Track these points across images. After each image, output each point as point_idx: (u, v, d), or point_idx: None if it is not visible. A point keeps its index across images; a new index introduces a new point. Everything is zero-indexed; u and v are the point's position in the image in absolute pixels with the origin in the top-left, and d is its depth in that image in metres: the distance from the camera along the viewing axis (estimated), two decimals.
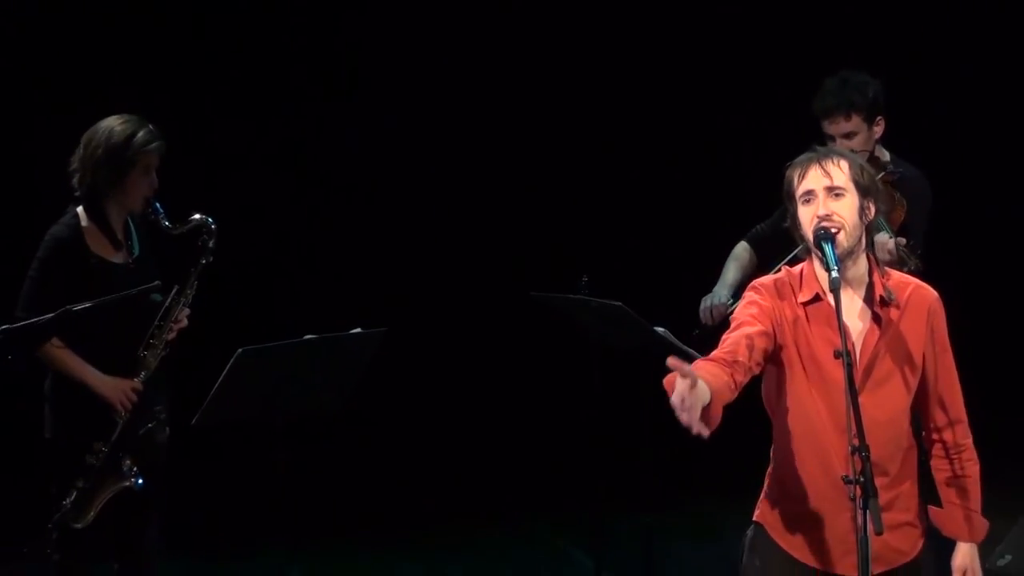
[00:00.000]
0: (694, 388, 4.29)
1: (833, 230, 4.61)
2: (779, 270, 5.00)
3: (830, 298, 4.59)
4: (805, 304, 4.71)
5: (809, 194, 4.66)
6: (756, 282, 4.84)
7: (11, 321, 5.76)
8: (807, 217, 4.65)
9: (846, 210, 4.65)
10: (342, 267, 9.48)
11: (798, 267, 4.78)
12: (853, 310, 4.70)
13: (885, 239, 6.39)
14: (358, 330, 6.16)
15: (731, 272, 6.83)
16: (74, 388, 5.98)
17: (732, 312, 5.03)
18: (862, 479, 4.39)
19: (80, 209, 6.01)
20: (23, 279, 6.10)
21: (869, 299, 4.71)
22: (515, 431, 9.54)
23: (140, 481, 6.00)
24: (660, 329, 6.52)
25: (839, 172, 4.67)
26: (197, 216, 6.09)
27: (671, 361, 4.28)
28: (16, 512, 6.01)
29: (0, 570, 6.22)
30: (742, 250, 6.90)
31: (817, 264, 4.68)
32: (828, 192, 4.65)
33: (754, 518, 4.90)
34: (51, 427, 6.05)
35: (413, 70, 9.60)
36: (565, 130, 9.76)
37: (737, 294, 6.60)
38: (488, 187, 9.66)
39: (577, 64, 9.74)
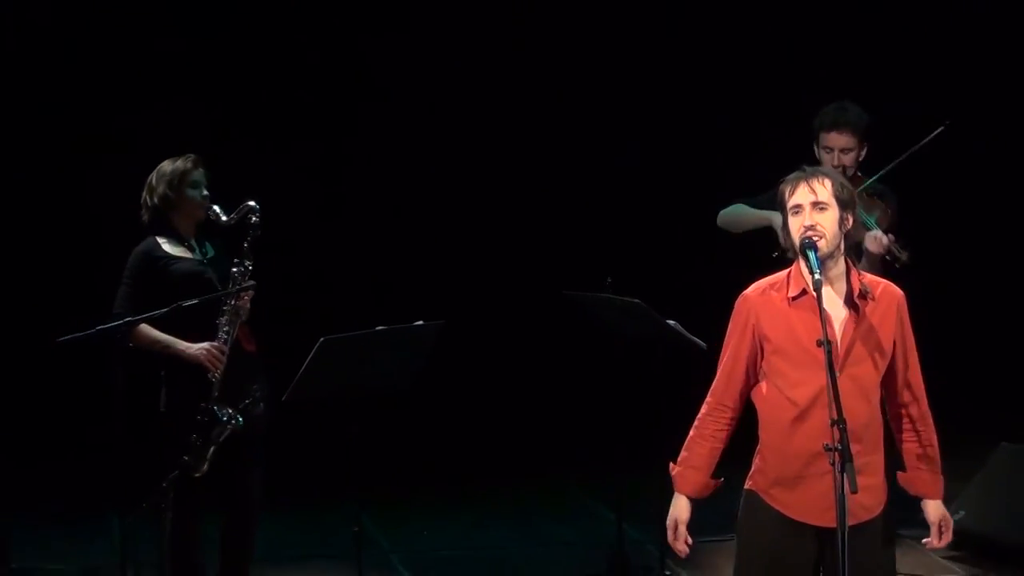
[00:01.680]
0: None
1: (816, 239, 4.92)
2: None
3: (814, 294, 4.88)
4: (793, 298, 4.99)
5: (797, 207, 4.96)
6: (742, 296, 5.12)
7: (109, 317, 6.45)
8: (795, 227, 4.97)
9: (828, 221, 4.94)
10: (404, 268, 9.99)
11: (786, 270, 5.08)
12: (834, 302, 4.98)
13: (878, 233, 6.74)
14: (420, 322, 6.54)
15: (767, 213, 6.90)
16: (184, 368, 6.50)
17: None
18: (840, 447, 4.70)
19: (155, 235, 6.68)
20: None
21: (848, 293, 4.99)
22: (549, 405, 9.88)
23: (240, 420, 6.43)
24: (672, 322, 6.96)
25: (823, 189, 4.96)
26: (249, 203, 6.56)
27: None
28: (136, 475, 6.29)
29: (121, 523, 6.48)
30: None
31: (803, 265, 4.98)
32: (813, 206, 4.95)
33: (746, 487, 5.14)
34: (165, 402, 6.61)
35: (455, 83, 9.98)
36: (603, 149, 10.14)
37: None
38: (533, 202, 10.12)
39: (606, 79, 10.08)
